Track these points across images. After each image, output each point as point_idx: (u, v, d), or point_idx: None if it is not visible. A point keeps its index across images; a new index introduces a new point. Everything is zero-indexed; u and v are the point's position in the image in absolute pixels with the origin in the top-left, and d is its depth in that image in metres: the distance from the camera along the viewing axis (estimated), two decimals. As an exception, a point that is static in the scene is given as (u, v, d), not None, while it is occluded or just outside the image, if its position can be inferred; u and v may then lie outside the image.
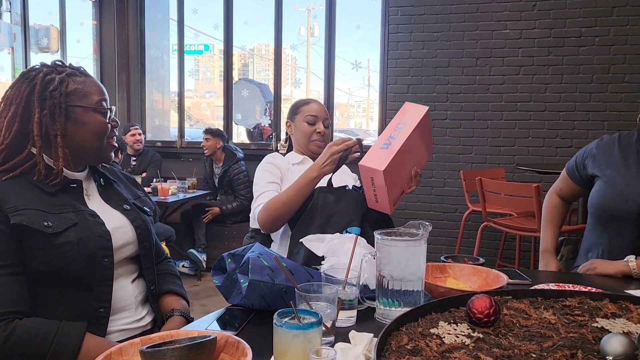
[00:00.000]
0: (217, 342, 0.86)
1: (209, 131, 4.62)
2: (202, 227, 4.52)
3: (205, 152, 4.63)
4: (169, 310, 1.37)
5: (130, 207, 1.35)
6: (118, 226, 1.27)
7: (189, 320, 1.37)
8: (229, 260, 1.22)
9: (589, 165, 1.66)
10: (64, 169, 1.21)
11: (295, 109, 1.94)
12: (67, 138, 1.20)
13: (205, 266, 4.46)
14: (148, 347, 0.82)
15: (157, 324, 1.37)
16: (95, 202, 1.28)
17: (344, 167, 1.96)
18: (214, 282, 1.23)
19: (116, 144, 1.31)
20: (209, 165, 4.78)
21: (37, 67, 1.24)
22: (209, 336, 0.85)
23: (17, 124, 1.17)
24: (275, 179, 1.80)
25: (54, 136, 1.18)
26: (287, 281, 1.10)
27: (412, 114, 1.49)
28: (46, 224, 1.11)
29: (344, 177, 1.89)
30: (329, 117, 1.96)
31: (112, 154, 1.31)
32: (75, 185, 1.24)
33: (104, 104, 1.25)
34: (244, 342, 0.85)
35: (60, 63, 1.25)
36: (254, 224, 1.75)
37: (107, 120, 1.25)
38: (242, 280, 1.13)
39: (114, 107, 1.30)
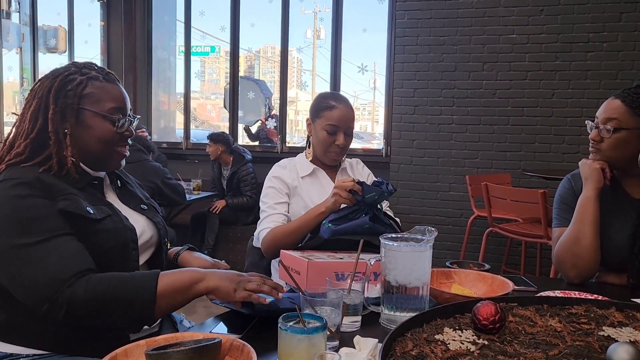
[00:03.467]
0: (222, 345, 0.86)
1: (210, 137, 4.68)
2: (214, 231, 4.54)
3: (210, 157, 4.69)
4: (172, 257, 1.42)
5: (147, 206, 1.38)
6: (139, 225, 1.29)
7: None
8: (222, 304, 1.18)
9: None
10: (85, 167, 1.23)
11: (318, 110, 1.79)
12: (74, 138, 1.21)
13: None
14: (153, 350, 0.82)
15: (164, 327, 1.38)
16: (112, 202, 1.30)
17: (358, 167, 1.94)
18: (221, 305, 1.18)
19: (127, 153, 1.30)
20: (217, 167, 4.80)
21: (67, 65, 1.26)
22: (214, 339, 0.85)
23: (40, 119, 1.20)
24: (282, 198, 1.76)
25: (62, 134, 1.19)
26: (292, 304, 1.09)
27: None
28: (89, 209, 1.14)
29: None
30: (354, 120, 1.81)
31: (122, 162, 1.31)
32: (96, 182, 1.27)
33: (118, 112, 1.24)
34: (249, 346, 0.85)
35: (91, 65, 1.27)
36: (256, 243, 1.73)
37: (117, 129, 1.24)
38: (245, 311, 1.12)
39: (137, 117, 1.31)
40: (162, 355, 0.80)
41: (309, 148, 1.86)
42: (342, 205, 1.55)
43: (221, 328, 1.10)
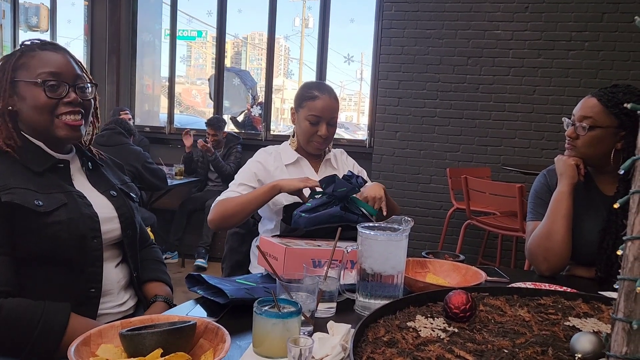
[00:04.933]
0: (197, 328, 0.86)
1: (216, 125, 4.59)
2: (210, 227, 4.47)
3: (211, 144, 4.60)
4: (152, 296, 1.38)
5: (117, 193, 1.34)
6: (103, 212, 1.26)
7: (171, 305, 1.37)
8: (199, 291, 1.19)
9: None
10: (48, 148, 1.21)
11: (301, 100, 1.78)
12: (19, 114, 1.19)
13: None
14: (127, 330, 0.83)
15: (139, 309, 1.38)
16: (81, 185, 1.27)
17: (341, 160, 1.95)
18: (198, 292, 1.18)
19: (78, 122, 1.21)
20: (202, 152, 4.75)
21: None
22: (189, 321, 0.86)
23: None
24: (251, 182, 1.75)
25: (1, 112, 1.17)
26: (267, 294, 1.10)
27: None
28: (37, 202, 1.11)
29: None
30: (337, 111, 1.80)
31: (76, 132, 1.22)
32: (62, 165, 1.24)
33: (51, 77, 1.18)
34: (223, 329, 0.86)
35: (34, 39, 1.24)
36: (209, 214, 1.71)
37: (47, 93, 1.17)
38: (220, 300, 1.11)
39: (89, 85, 1.25)
40: (136, 336, 0.80)
41: (294, 137, 1.86)
42: (312, 200, 1.57)
43: (198, 311, 1.11)
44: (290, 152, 1.83)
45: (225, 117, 5.60)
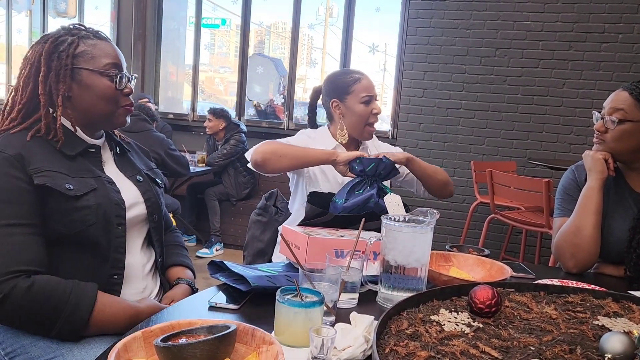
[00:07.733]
0: None
1: (212, 111, 4.64)
2: (217, 213, 4.52)
3: (207, 131, 4.67)
4: (175, 279, 1.40)
5: (144, 178, 1.36)
6: (130, 197, 1.28)
7: (194, 289, 1.39)
8: (222, 278, 1.18)
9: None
10: (82, 133, 1.23)
11: (345, 88, 1.78)
12: (74, 100, 1.21)
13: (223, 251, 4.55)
14: (164, 340, 0.77)
15: (163, 296, 1.39)
16: (110, 170, 1.29)
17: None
18: (220, 279, 1.18)
19: (133, 109, 1.30)
20: (212, 142, 4.79)
21: (57, 29, 1.25)
22: (229, 327, 0.80)
23: (31, 84, 1.19)
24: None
25: (56, 96, 1.19)
26: (289, 282, 1.10)
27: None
28: (67, 186, 1.13)
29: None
30: None
31: (128, 119, 1.30)
32: (93, 150, 1.26)
33: (115, 68, 1.23)
34: (261, 330, 0.81)
35: (79, 26, 1.26)
36: (248, 154, 1.71)
37: (116, 86, 1.23)
38: (242, 287, 1.11)
39: (134, 75, 1.30)
40: (185, 347, 0.74)
41: (342, 131, 1.82)
42: (347, 179, 1.61)
43: (220, 298, 1.11)
44: (330, 138, 1.85)
45: (247, 101, 5.61)
